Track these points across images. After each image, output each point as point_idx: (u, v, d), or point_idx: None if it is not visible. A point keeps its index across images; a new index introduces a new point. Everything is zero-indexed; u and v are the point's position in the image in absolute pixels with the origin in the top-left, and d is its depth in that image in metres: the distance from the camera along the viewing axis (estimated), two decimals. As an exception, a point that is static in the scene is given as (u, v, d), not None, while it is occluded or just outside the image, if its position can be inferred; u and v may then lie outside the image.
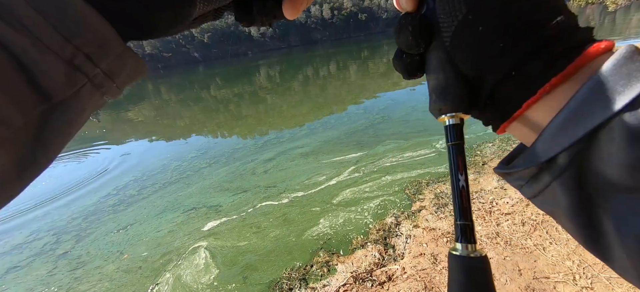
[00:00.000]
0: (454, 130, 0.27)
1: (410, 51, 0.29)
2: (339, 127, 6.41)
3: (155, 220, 4.02)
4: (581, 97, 0.20)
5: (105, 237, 3.85)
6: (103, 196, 4.92)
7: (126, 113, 14.69)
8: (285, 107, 10.21)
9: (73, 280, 3.19)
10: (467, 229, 0.26)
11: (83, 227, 4.11)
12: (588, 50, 0.21)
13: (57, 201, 5.03)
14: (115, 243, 3.70)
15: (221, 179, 4.83)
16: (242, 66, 38.67)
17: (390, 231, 2.99)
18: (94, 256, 3.54)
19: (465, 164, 0.27)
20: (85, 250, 3.68)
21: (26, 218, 4.64)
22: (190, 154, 6.25)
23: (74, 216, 4.45)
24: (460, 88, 0.26)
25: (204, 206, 4.14)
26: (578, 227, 0.22)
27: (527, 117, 0.24)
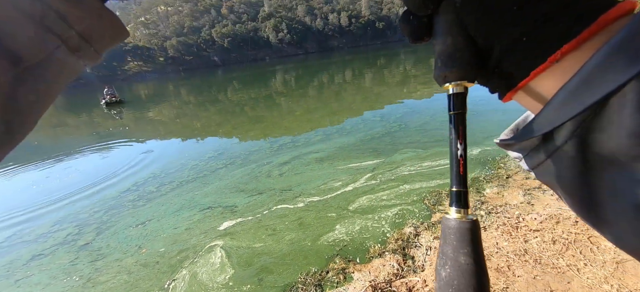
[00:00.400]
0: (458, 99, 0.27)
1: (419, 12, 0.27)
2: (354, 133, 6.35)
3: (172, 217, 4.09)
4: (593, 65, 0.18)
5: (125, 231, 3.95)
6: (123, 191, 5.07)
7: (147, 113, 15.25)
8: (300, 112, 10.26)
9: (93, 271, 3.28)
10: (461, 195, 0.26)
11: (104, 220, 4.24)
12: (605, 15, 0.19)
13: (81, 194, 5.23)
14: (134, 237, 3.79)
15: (237, 180, 4.87)
16: (259, 71, 39.45)
17: (409, 241, 2.89)
18: (113, 249, 3.63)
19: (465, 134, 0.27)
20: (105, 242, 3.78)
21: (50, 209, 4.84)
22: (208, 155, 6.37)
23: (96, 209, 4.61)
24: (468, 54, 0.25)
25: (220, 205, 4.18)
26: (577, 198, 0.21)
27: (534, 86, 0.23)
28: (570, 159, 0.20)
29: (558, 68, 0.21)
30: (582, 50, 0.20)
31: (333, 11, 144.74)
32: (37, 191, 5.69)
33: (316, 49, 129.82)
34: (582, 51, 0.20)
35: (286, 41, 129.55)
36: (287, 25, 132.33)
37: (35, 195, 5.51)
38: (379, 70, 21.67)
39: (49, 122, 17.84)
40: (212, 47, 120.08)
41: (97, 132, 11.92)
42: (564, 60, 0.20)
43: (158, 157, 6.80)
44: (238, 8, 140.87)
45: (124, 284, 3.01)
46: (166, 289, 2.84)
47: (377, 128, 6.40)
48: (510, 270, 2.34)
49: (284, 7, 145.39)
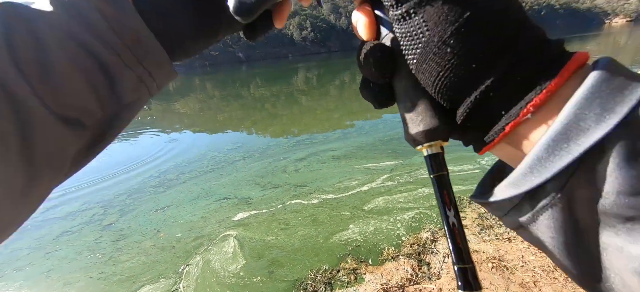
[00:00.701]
0: (435, 161, 0.25)
1: (376, 81, 0.27)
2: (373, 134, 6.21)
3: (190, 204, 4.21)
4: (567, 118, 0.18)
5: (145, 215, 4.11)
6: (147, 177, 5.30)
7: (174, 104, 15.94)
8: (320, 111, 10.23)
9: (115, 250, 3.44)
10: (466, 274, 0.22)
11: (127, 203, 4.45)
12: (567, 66, 0.19)
13: (109, 178, 5.53)
14: (153, 221, 3.93)
15: (253, 173, 4.92)
16: (281, 68, 39.98)
17: (425, 246, 2.75)
18: (134, 231, 3.79)
19: (452, 198, 0.24)
20: (127, 224, 3.96)
21: (81, 191, 5.16)
22: (227, 147, 6.51)
23: (120, 192, 4.85)
24: (433, 116, 0.24)
25: (235, 197, 4.24)
26: (567, 260, 0.20)
27: (509, 138, 0.22)
28: (557, 221, 0.19)
29: (531, 121, 0.20)
30: (551, 102, 0.19)
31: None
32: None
33: (339, 47, 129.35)
34: (552, 103, 0.19)
35: (310, 39, 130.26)
36: (312, 24, 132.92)
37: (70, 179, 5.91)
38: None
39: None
40: (237, 44, 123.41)
41: (128, 120, 12.61)
42: (537, 113, 0.20)
43: (180, 147, 7.06)
44: None
45: (142, 265, 3.13)
46: (180, 273, 2.91)
47: (397, 129, 6.20)
48: (537, 287, 2.15)
49: (310, 6, 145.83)
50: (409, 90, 0.25)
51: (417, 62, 0.22)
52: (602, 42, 28.92)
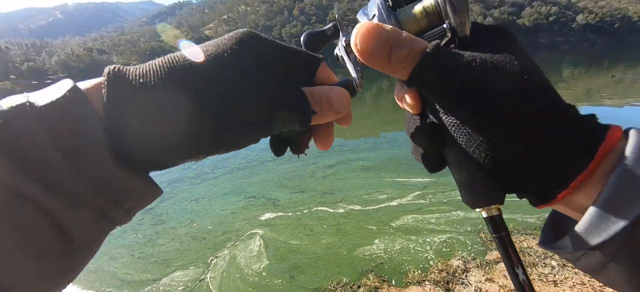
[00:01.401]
0: (495, 223, 0.26)
1: (428, 152, 0.29)
2: (406, 146, 5.96)
3: (221, 199, 4.44)
4: (615, 187, 0.21)
5: (182, 203, 4.43)
6: (185, 168, 5.73)
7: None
8: (354, 116, 10.11)
9: (154, 233, 3.75)
10: None
11: (167, 191, 4.84)
12: (606, 141, 0.22)
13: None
14: (188, 211, 4.22)
15: (282, 176, 5.03)
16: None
17: (455, 275, 2.55)
18: (171, 217, 4.10)
19: (518, 256, 0.25)
20: (165, 210, 4.31)
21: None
22: (259, 146, 6.72)
23: (163, 180, 5.29)
24: (486, 183, 0.25)
25: (264, 196, 4.37)
26: None
27: (564, 202, 0.24)
28: (624, 268, 0.21)
29: (582, 190, 0.23)
30: (598, 173, 0.22)
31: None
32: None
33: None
34: (599, 173, 0.22)
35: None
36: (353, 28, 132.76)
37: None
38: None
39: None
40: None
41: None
42: (585, 184, 0.22)
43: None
44: (309, 10, 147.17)
45: (176, 251, 3.38)
46: (208, 264, 3.08)
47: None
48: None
49: (353, 11, 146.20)
50: (462, 160, 0.26)
51: (467, 145, 0.24)
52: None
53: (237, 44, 0.25)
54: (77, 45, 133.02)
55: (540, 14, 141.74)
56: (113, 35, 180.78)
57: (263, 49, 0.26)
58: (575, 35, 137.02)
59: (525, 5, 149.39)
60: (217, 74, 0.23)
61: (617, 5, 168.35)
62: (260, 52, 0.26)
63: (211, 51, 0.24)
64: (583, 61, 32.38)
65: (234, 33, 0.26)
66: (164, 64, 0.23)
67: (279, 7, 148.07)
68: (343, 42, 0.31)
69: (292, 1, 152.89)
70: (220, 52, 0.24)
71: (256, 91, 0.24)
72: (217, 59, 0.24)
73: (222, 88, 0.23)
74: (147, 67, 0.23)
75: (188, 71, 0.23)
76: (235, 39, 0.25)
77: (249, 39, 0.26)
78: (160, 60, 0.23)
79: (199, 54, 0.24)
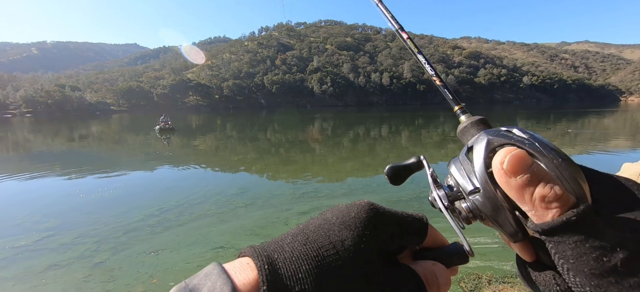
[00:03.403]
0: None
1: None
2: (381, 192, 6.00)
3: (185, 250, 4.03)
4: None
5: (139, 256, 3.95)
6: (146, 214, 5.23)
7: (193, 141, 16.58)
8: (332, 160, 10.21)
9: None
10: None
11: (121, 241, 4.33)
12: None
13: (111, 210, 5.51)
14: (146, 264, 3.75)
15: (254, 223, 4.75)
16: (299, 116, 41.58)
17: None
18: (125, 272, 3.60)
19: None
20: (118, 264, 3.79)
21: (80, 220, 5.13)
22: (231, 191, 6.45)
23: (117, 227, 4.77)
24: None
25: (233, 247, 4.04)
26: None
27: None
28: None
29: None
30: None
31: (376, 71, 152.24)
32: (78, 201, 6.18)
33: (356, 103, 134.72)
34: None
35: (329, 93, 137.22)
36: (332, 79, 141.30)
37: (75, 204, 5.97)
38: (416, 129, 21.32)
39: (112, 137, 20.31)
40: (261, 91, 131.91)
41: (147, 152, 13.11)
42: None
43: (186, 186, 7.10)
44: (290, 61, 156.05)
45: (123, 315, 2.89)
46: (157, 331, 2.64)
47: (407, 190, 5.98)
48: None
49: (331, 64, 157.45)
50: None
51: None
52: (620, 119, 28.41)
53: (366, 226, 0.27)
54: (49, 80, 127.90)
55: (493, 75, 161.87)
56: (90, 72, 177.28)
57: (384, 228, 0.28)
58: (524, 92, 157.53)
59: (480, 67, 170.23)
60: (352, 274, 0.24)
61: (553, 70, 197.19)
62: (382, 233, 0.28)
63: (345, 237, 0.26)
64: (533, 115, 36.43)
65: (358, 209, 0.28)
66: (311, 256, 0.24)
67: (262, 56, 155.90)
68: (437, 193, 0.31)
69: (275, 52, 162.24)
70: (355, 241, 0.26)
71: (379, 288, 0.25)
72: (353, 251, 0.25)
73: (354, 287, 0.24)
74: (294, 258, 0.24)
75: (334, 274, 0.23)
76: (362, 221, 0.27)
77: (374, 217, 0.28)
78: (303, 246, 0.25)
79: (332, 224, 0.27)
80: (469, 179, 0.28)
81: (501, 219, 0.26)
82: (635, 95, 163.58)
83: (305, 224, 0.28)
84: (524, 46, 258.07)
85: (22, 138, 21.28)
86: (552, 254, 0.23)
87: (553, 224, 0.22)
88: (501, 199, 0.26)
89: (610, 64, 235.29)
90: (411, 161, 0.35)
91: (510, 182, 0.24)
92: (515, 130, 0.27)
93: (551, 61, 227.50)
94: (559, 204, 0.22)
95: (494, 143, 0.27)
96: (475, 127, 0.32)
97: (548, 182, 0.23)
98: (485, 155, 0.27)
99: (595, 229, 0.22)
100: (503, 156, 0.24)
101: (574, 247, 0.22)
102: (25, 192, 6.88)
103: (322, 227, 0.27)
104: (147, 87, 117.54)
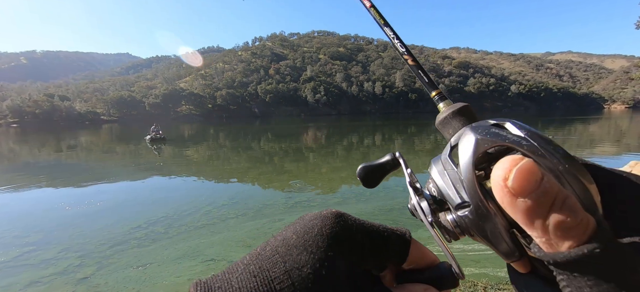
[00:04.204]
0: None
1: None
2: (374, 201, 5.98)
3: (174, 264, 3.91)
4: None
5: (125, 270, 3.81)
6: (134, 227, 5.08)
7: (186, 151, 16.34)
8: (325, 169, 10.18)
9: (82, 310, 3.09)
10: None
11: (107, 255, 4.17)
12: None
13: (97, 223, 5.33)
14: (132, 279, 3.62)
15: (245, 234, 4.65)
16: (293, 125, 41.60)
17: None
18: (111, 288, 3.47)
19: None
20: (103, 279, 3.65)
21: (64, 233, 4.94)
22: (223, 201, 6.34)
23: (103, 241, 4.60)
24: None
25: (225, 259, 3.94)
26: None
27: None
28: None
29: None
30: None
31: (369, 80, 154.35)
32: (63, 214, 5.97)
33: (349, 111, 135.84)
34: None
35: (322, 102, 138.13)
36: (325, 89, 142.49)
37: (60, 217, 5.76)
38: (409, 137, 21.54)
39: (102, 148, 19.87)
40: (255, 100, 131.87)
41: (137, 163, 12.84)
42: None
43: (176, 197, 6.95)
44: (284, 70, 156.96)
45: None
46: (142, 350, 2.52)
47: (399, 198, 5.98)
48: None
49: (324, 73, 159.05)
50: None
51: None
52: (604, 126, 29.39)
53: (330, 246, 0.23)
54: (37, 90, 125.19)
55: (482, 84, 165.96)
56: (80, 82, 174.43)
57: (354, 245, 0.25)
58: (512, 101, 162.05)
59: (469, 76, 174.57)
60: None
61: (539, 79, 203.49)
62: (352, 250, 0.25)
63: (304, 263, 0.22)
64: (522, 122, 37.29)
65: (322, 223, 0.25)
66: (256, 289, 0.21)
67: (256, 66, 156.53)
68: (418, 204, 0.26)
69: (269, 62, 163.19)
70: (315, 267, 0.22)
71: None
72: (313, 280, 0.22)
73: None
74: (238, 290, 0.21)
75: None
76: (326, 238, 0.24)
77: (340, 232, 0.24)
78: (253, 279, 0.22)
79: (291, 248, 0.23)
80: (455, 190, 0.24)
81: (495, 237, 0.22)
82: (618, 103, 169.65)
83: (263, 246, 0.25)
84: (510, 56, 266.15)
85: (7, 149, 20.63)
86: (562, 286, 0.19)
87: (570, 257, 0.18)
88: (495, 214, 0.22)
89: (592, 73, 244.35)
90: (385, 160, 0.31)
91: (516, 204, 0.19)
92: (508, 125, 0.23)
93: (537, 70, 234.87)
94: (578, 232, 0.18)
95: (484, 145, 0.22)
96: (458, 118, 0.28)
97: (564, 203, 0.18)
98: (474, 160, 0.22)
99: (623, 260, 0.18)
100: (507, 169, 0.19)
101: (593, 285, 0.18)
102: (5, 205, 6.62)
103: (279, 250, 0.23)
104: (139, 96, 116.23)
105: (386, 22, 0.36)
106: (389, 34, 0.35)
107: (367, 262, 0.26)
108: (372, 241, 0.26)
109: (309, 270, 0.22)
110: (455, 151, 0.25)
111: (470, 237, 0.25)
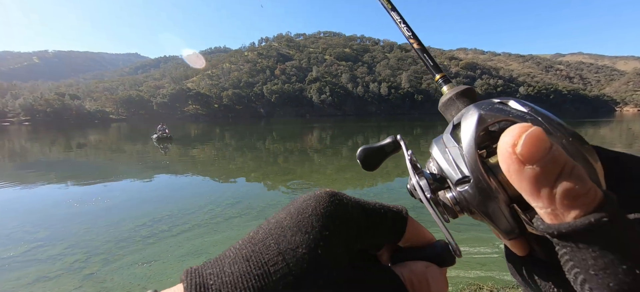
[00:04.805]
0: None
1: None
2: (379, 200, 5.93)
3: (178, 261, 3.94)
4: None
5: (130, 267, 3.86)
6: (139, 225, 5.14)
7: (192, 150, 16.52)
8: (330, 170, 10.17)
9: (91, 306, 3.14)
10: None
11: (113, 252, 4.23)
12: None
13: (102, 220, 5.40)
14: (138, 276, 3.66)
15: (249, 233, 4.67)
16: (298, 126, 41.70)
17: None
18: (117, 284, 3.52)
19: None
20: (110, 275, 3.70)
21: (71, 230, 5.02)
22: (226, 201, 6.37)
23: (109, 238, 4.67)
24: None
25: (226, 257, 3.96)
26: None
27: None
28: None
29: None
30: None
31: (374, 81, 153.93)
32: (71, 211, 6.08)
33: (354, 112, 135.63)
34: None
35: (327, 102, 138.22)
36: (330, 89, 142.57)
37: (68, 214, 5.87)
38: (415, 138, 21.38)
39: (110, 146, 20.22)
40: (260, 100, 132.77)
41: (144, 162, 13.03)
42: None
43: (182, 195, 7.02)
44: (290, 71, 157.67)
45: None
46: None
47: (404, 199, 5.93)
48: None
49: (330, 74, 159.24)
50: None
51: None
52: (616, 129, 28.68)
53: (325, 225, 0.23)
54: (49, 89, 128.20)
55: (489, 85, 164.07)
56: (90, 81, 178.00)
57: (350, 223, 0.24)
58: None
59: (477, 78, 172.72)
60: (307, 289, 0.21)
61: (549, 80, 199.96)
62: (348, 229, 0.24)
63: (298, 244, 0.22)
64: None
65: (316, 203, 0.24)
66: (254, 275, 0.20)
67: (262, 67, 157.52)
68: (417, 182, 0.26)
69: (275, 62, 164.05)
70: (310, 247, 0.22)
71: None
72: (308, 260, 0.21)
73: None
74: (232, 281, 0.20)
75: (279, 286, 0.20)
76: (320, 217, 0.23)
77: (335, 210, 0.24)
78: (246, 263, 0.21)
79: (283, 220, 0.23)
80: (456, 165, 0.23)
81: (495, 213, 0.22)
82: (631, 105, 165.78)
83: (255, 230, 0.24)
84: (519, 57, 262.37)
85: (19, 146, 21.16)
86: (564, 261, 0.18)
87: (576, 227, 0.17)
88: (496, 189, 0.21)
89: (604, 75, 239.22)
90: (386, 142, 0.31)
91: (523, 171, 0.18)
92: (511, 103, 0.23)
93: (546, 72, 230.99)
94: (585, 201, 0.17)
95: (487, 119, 0.22)
96: (461, 99, 0.27)
97: (572, 172, 0.18)
98: (477, 135, 0.22)
99: (629, 231, 0.17)
100: (516, 135, 0.18)
101: (598, 256, 0.17)
102: (16, 202, 6.78)
103: (272, 233, 0.23)
104: (147, 96, 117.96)
105: (393, 7, 0.37)
106: (395, 19, 0.36)
107: (364, 241, 0.25)
108: (368, 218, 0.25)
109: (303, 250, 0.21)
110: (457, 131, 0.25)
111: (469, 215, 0.24)
